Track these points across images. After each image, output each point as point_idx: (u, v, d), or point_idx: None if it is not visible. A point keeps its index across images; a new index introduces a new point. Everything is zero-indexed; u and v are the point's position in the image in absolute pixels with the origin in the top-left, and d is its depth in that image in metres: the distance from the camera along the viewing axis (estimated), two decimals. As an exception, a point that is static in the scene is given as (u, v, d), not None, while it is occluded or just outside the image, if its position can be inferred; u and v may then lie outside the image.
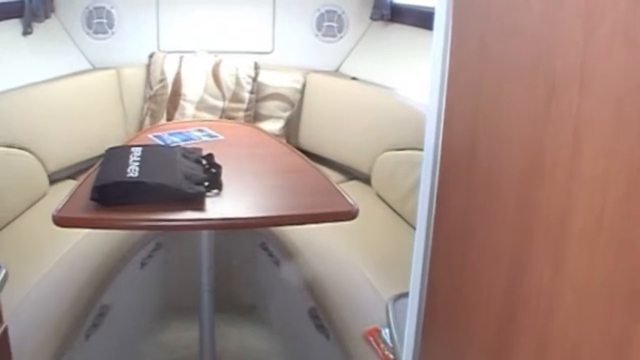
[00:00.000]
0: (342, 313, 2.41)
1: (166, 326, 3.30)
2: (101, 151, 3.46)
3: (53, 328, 2.29)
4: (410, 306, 1.13)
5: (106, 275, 2.68)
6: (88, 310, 2.53)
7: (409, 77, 3.42)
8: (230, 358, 3.06)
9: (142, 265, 3.01)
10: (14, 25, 3.54)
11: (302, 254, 2.80)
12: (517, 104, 0.82)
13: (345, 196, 2.21)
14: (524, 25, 0.82)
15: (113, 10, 3.90)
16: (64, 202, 2.11)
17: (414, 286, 1.10)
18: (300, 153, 2.66)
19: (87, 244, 2.74)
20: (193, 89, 3.58)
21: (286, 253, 2.91)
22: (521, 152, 0.80)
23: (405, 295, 1.84)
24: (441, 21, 0.97)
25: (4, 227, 2.89)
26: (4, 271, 1.77)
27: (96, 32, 3.91)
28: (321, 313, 2.58)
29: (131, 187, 2.07)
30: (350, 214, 2.14)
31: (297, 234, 2.90)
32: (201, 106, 3.56)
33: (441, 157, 1.00)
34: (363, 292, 2.49)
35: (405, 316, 1.72)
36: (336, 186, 2.31)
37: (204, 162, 2.37)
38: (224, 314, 2.79)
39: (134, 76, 3.77)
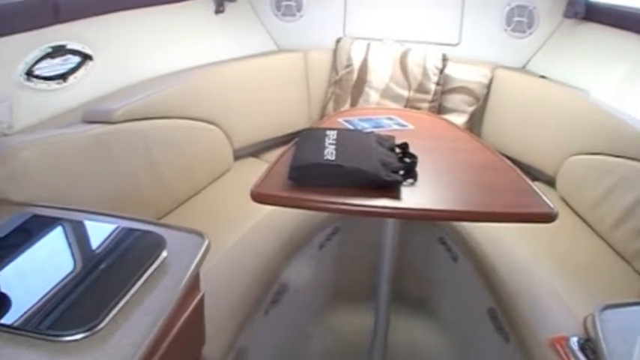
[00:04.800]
0: (525, 317, 2.32)
1: (337, 310, 3.33)
2: (284, 131, 3.56)
3: (237, 301, 2.34)
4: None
5: (287, 254, 2.72)
6: (269, 286, 2.57)
7: (603, 79, 3.28)
8: (399, 349, 3.04)
9: (320, 247, 3.04)
10: (207, 4, 3.67)
11: (482, 252, 2.73)
12: None
13: (543, 197, 2.13)
14: None
15: (302, -6, 3.95)
16: (261, 179, 2.13)
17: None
18: (493, 149, 2.59)
19: (270, 222, 2.78)
20: (379, 77, 3.57)
21: (466, 249, 2.85)
22: None
23: (615, 306, 1.77)
24: None
25: (190, 198, 2.98)
26: (207, 242, 1.81)
27: (284, 14, 3.97)
28: (501, 315, 2.51)
29: (329, 169, 2.07)
30: (549, 217, 2.05)
31: (477, 231, 2.84)
32: (386, 94, 3.54)
33: None
34: (546, 297, 2.40)
35: (616, 328, 1.65)
36: (533, 186, 2.24)
37: (397, 150, 2.34)
38: (395, 305, 2.76)
39: (320, 60, 3.81)
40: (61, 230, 1.86)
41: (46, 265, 1.72)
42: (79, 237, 1.87)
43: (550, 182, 3.23)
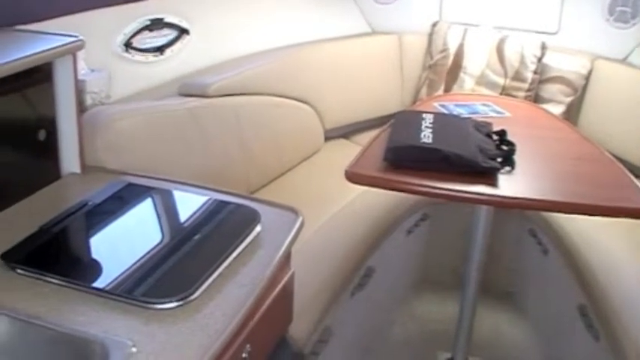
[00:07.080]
0: (617, 316, 2.25)
1: (422, 297, 3.30)
2: (376, 114, 3.54)
3: (324, 282, 2.35)
4: None
5: (375, 237, 2.70)
6: (356, 269, 2.56)
7: None
8: (483, 341, 2.98)
9: (408, 232, 3.00)
10: (303, -19, 3.65)
11: (574, 246, 2.66)
12: None
13: (645, 192, 2.06)
14: None
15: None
16: (355, 160, 2.12)
17: None
18: (593, 141, 2.51)
19: (359, 205, 2.78)
20: (475, 63, 3.50)
21: (557, 242, 2.78)
22: None
23: None
24: None
25: (280, 176, 2.99)
26: (301, 219, 1.79)
27: (380, -4, 3.93)
28: (592, 312, 2.43)
29: (426, 152, 2.05)
30: (650, 213, 1.99)
31: (569, 224, 2.76)
32: (482, 80, 3.47)
33: None
34: (640, 296, 2.33)
35: None
36: (635, 181, 2.16)
37: (495, 137, 2.29)
38: (481, 296, 2.71)
39: (415, 44, 3.75)
40: (156, 199, 1.88)
41: (139, 233, 1.74)
42: (172, 207, 1.89)
43: (648, 179, 3.13)
